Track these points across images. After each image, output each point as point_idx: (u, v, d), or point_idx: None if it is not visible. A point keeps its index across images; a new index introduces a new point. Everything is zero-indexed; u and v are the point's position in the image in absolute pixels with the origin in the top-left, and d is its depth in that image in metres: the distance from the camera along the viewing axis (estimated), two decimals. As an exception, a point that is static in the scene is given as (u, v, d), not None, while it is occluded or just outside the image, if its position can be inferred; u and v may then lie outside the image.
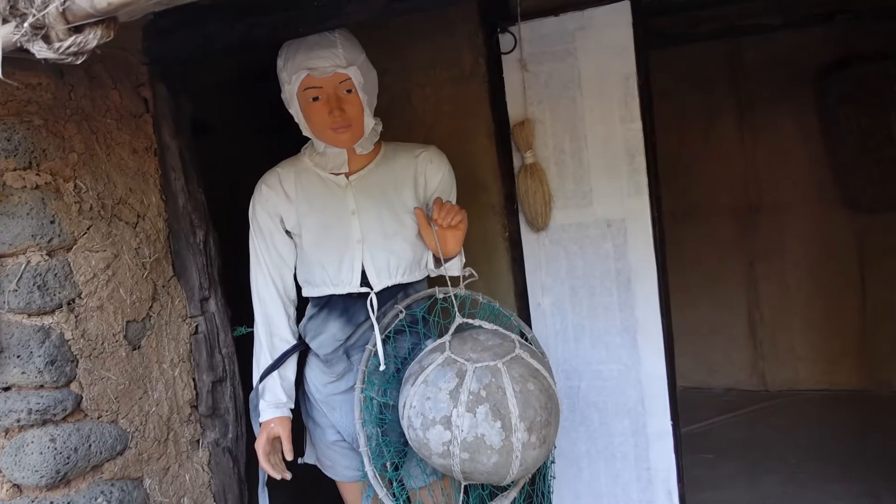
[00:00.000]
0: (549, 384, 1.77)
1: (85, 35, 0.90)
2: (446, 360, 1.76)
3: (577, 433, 2.38)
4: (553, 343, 2.38)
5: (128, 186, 1.82)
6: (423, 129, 2.48)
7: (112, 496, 1.74)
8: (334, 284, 1.88)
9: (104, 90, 1.79)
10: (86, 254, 1.72)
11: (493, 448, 1.67)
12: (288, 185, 1.91)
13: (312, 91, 1.76)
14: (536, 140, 2.30)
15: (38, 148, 1.64)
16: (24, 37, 0.89)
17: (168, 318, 1.90)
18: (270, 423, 1.88)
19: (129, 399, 1.80)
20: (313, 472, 2.06)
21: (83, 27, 0.91)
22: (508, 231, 2.42)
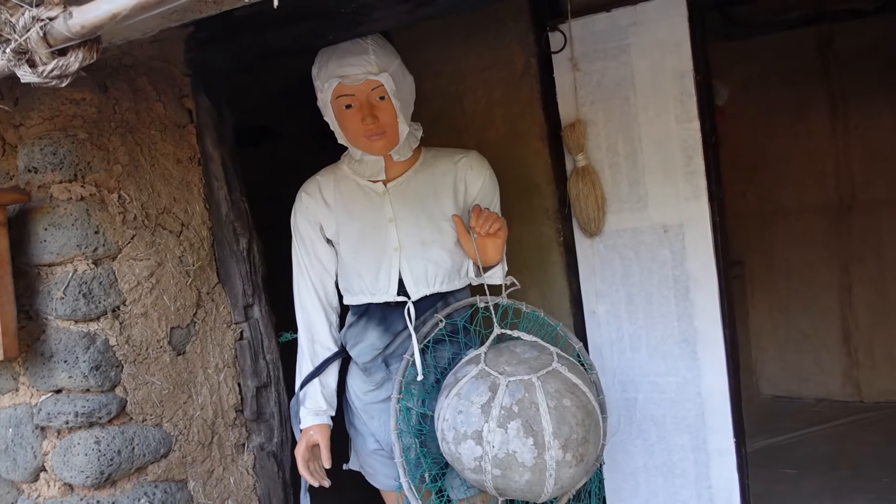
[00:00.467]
0: (587, 400, 1.70)
1: (67, 58, 0.91)
2: (480, 373, 1.71)
3: (635, 447, 2.29)
4: (608, 353, 2.29)
5: (172, 196, 1.87)
6: (475, 132, 2.43)
7: (155, 497, 1.79)
8: (371, 293, 1.87)
9: (148, 102, 1.84)
10: (130, 262, 1.77)
11: (525, 465, 1.61)
12: (327, 192, 1.91)
13: (345, 99, 1.75)
14: (589, 142, 2.21)
15: (83, 161, 1.71)
16: (9, 62, 0.91)
17: (213, 325, 1.94)
18: (310, 431, 1.88)
19: (173, 403, 1.84)
20: (358, 479, 2.06)
21: (67, 50, 0.92)
22: (563, 236, 2.35)
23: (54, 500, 1.78)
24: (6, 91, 1.72)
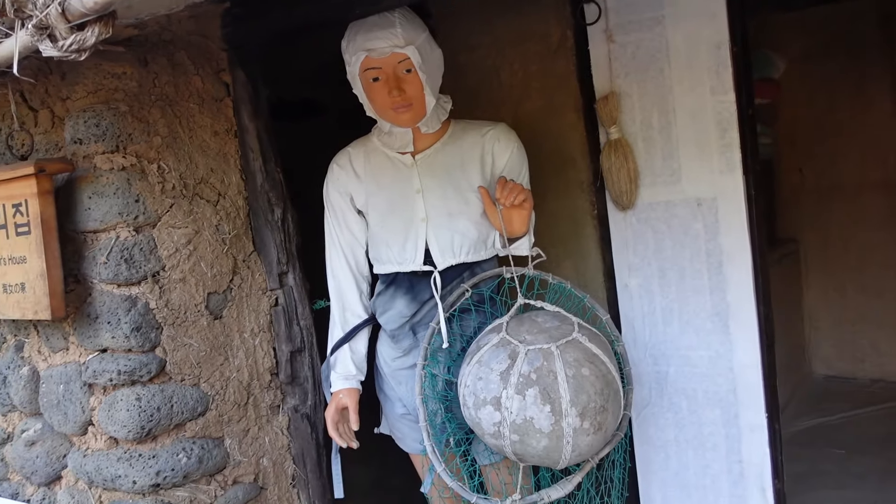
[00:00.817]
0: (607, 370, 1.72)
1: (84, 33, 0.97)
2: (501, 341, 1.74)
3: (665, 419, 2.29)
4: (640, 326, 2.28)
5: (209, 167, 1.94)
6: (511, 105, 2.44)
7: (193, 452, 1.89)
8: (399, 262, 1.91)
9: (187, 76, 1.91)
10: (169, 230, 1.86)
11: (543, 432, 1.64)
12: (358, 164, 1.96)
13: (372, 72, 1.78)
14: (623, 115, 2.20)
15: (125, 132, 1.79)
16: (32, 37, 0.97)
17: (248, 291, 2.02)
18: (339, 394, 1.95)
19: (210, 364, 1.93)
20: (388, 443, 2.12)
21: (85, 25, 0.98)
22: (597, 209, 2.34)
23: (101, 452, 1.90)
24: (54, 66, 1.81)
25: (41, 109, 1.89)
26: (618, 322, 2.30)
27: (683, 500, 2.29)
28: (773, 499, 2.16)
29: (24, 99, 1.91)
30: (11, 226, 1.78)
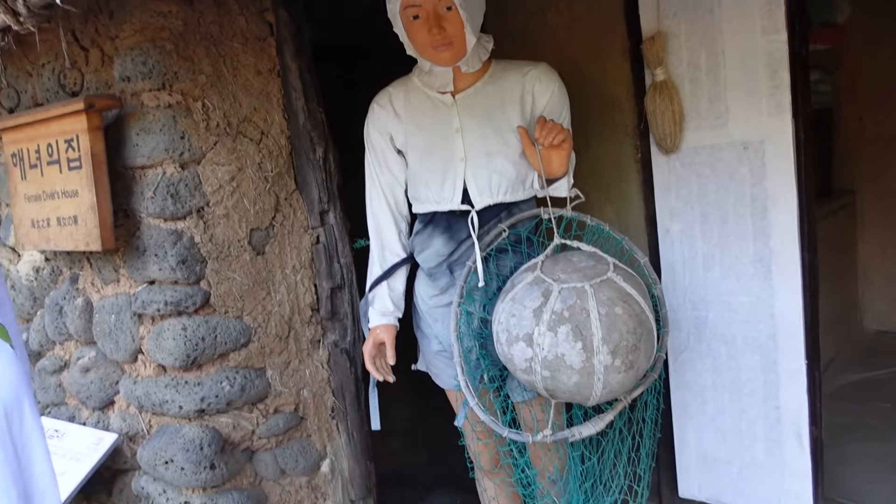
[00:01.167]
0: (640, 310, 1.72)
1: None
2: (535, 280, 1.76)
3: (703, 364, 2.28)
4: (681, 271, 2.27)
5: (252, 105, 1.98)
6: (555, 46, 2.41)
7: (236, 381, 1.96)
8: (437, 202, 1.93)
9: (231, 16, 1.94)
10: (213, 167, 1.91)
11: (573, 368, 1.66)
12: (398, 104, 1.97)
13: (413, 9, 1.78)
14: (669, 56, 2.15)
15: (170, 70, 1.83)
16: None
17: (290, 228, 2.07)
18: (377, 330, 2.00)
19: (252, 298, 2.00)
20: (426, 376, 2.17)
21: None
22: (640, 153, 2.32)
23: (150, 378, 1.99)
24: (103, 4, 1.86)
25: (91, 48, 1.95)
26: (658, 268, 2.28)
27: (718, 444, 2.30)
28: (809, 445, 2.15)
29: (76, 38, 1.96)
30: (64, 161, 1.85)
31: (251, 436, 2.03)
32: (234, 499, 1.98)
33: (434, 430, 3.35)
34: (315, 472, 2.17)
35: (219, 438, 1.94)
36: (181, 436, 1.92)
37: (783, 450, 2.19)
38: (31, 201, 1.99)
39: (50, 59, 2.02)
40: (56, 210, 1.89)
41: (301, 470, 2.12)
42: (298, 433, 2.12)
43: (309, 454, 2.13)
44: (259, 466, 2.07)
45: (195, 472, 1.89)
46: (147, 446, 1.99)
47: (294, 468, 2.11)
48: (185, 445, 1.90)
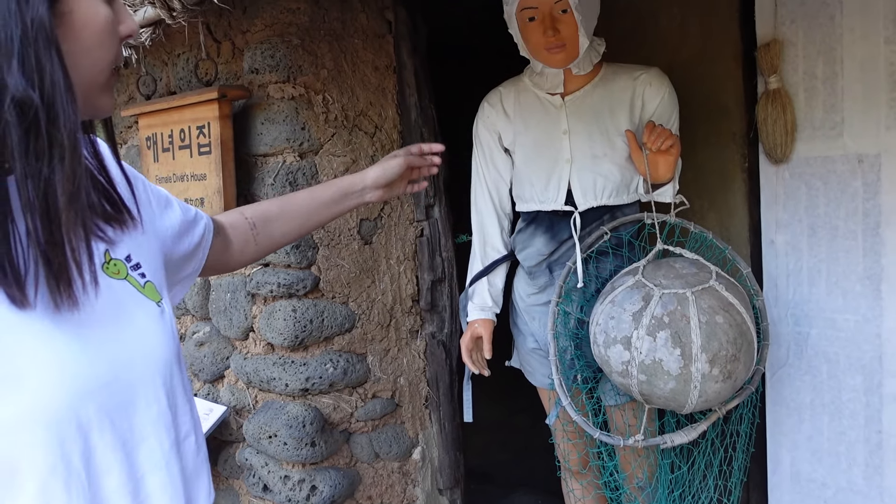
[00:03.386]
0: (742, 320, 1.71)
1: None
2: (636, 284, 1.77)
3: (802, 382, 2.23)
4: (784, 284, 2.23)
5: (368, 100, 2.06)
6: (666, 50, 2.40)
7: (339, 364, 2.05)
8: (541, 201, 1.96)
9: (353, 13, 2.02)
10: (329, 157, 2.00)
11: (671, 374, 1.67)
12: (508, 103, 2.01)
13: (529, 11, 1.82)
14: (784, 63, 2.11)
15: (295, 64, 1.93)
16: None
17: (397, 220, 2.14)
18: (475, 324, 2.05)
19: (358, 286, 2.08)
20: (517, 375, 2.21)
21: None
22: (748, 161, 2.28)
23: (259, 356, 2.10)
24: (237, 1, 1.97)
25: (224, 41, 2.07)
26: (759, 279, 2.25)
27: (814, 465, 2.24)
28: (913, 473, 2.07)
29: (210, 31, 2.10)
30: (195, 146, 1.98)
31: (350, 418, 2.12)
32: (331, 476, 2.07)
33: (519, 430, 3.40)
34: (407, 458, 2.24)
35: (320, 417, 2.04)
36: (285, 412, 2.02)
37: (883, 476, 2.12)
38: (161, 183, 2.13)
39: (185, 51, 2.16)
40: (185, 192, 2.02)
41: (394, 455, 2.19)
42: (393, 419, 2.20)
43: (402, 440, 2.21)
44: (355, 448, 2.16)
45: (297, 447, 1.99)
46: (252, 420, 2.10)
47: (387, 453, 2.18)
48: (289, 422, 2.00)
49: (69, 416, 0.70)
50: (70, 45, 0.69)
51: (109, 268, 0.81)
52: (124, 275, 0.83)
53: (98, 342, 0.74)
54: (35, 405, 0.68)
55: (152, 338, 0.81)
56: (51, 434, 0.69)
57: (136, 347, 0.79)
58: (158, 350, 0.82)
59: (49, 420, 0.69)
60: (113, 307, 0.78)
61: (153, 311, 0.83)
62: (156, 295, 0.86)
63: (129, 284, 0.82)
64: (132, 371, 0.77)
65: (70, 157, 0.67)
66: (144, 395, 0.79)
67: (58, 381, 0.69)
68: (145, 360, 0.80)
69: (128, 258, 0.84)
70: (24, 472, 0.68)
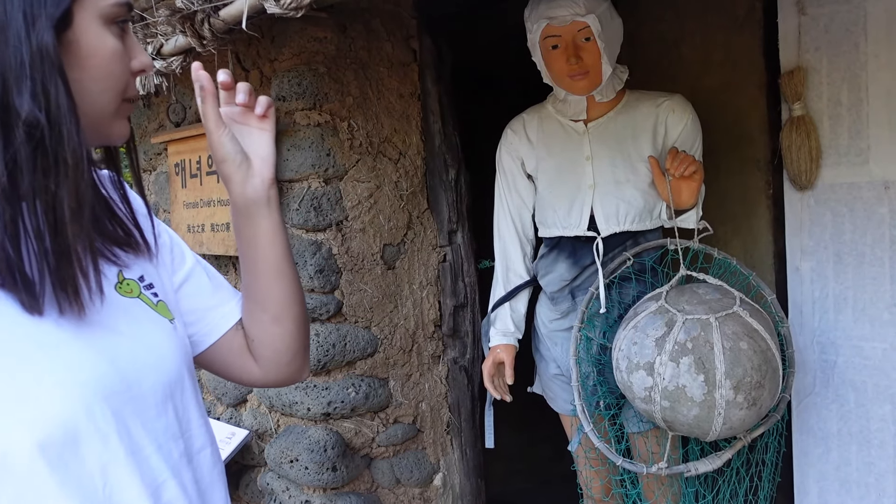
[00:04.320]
0: (766, 346, 1.70)
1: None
2: (659, 309, 1.77)
3: (829, 411, 2.20)
4: (810, 312, 2.20)
5: (393, 127, 2.09)
6: (689, 79, 2.41)
7: (360, 389, 2.06)
8: (563, 227, 1.97)
9: (379, 42, 2.06)
10: (353, 183, 2.03)
11: (694, 400, 1.66)
12: (531, 130, 2.03)
13: (552, 40, 1.84)
14: (809, 91, 2.11)
15: (321, 92, 1.97)
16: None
17: (420, 246, 2.16)
18: (497, 349, 2.05)
19: (381, 310, 2.09)
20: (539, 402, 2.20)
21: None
22: (772, 188, 2.28)
23: (282, 379, 2.12)
24: (266, 30, 2.02)
25: (252, 70, 2.12)
26: (785, 306, 2.23)
27: (843, 496, 2.20)
28: (945, 506, 2.03)
29: (238, 60, 2.14)
30: (221, 171, 2.01)
31: (371, 443, 2.12)
32: (352, 502, 2.07)
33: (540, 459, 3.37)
34: (428, 484, 2.23)
35: (342, 442, 2.04)
36: (307, 436, 2.03)
37: (915, 507, 2.08)
38: (188, 208, 2.17)
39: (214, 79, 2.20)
40: (211, 217, 2.06)
41: (415, 481, 2.19)
42: (415, 445, 2.19)
43: (423, 466, 2.20)
44: (376, 473, 2.15)
45: (318, 472, 1.99)
46: (274, 444, 2.11)
47: (409, 478, 2.18)
48: (311, 446, 2.00)
49: (85, 419, 0.73)
50: (76, 73, 0.74)
51: (122, 287, 0.84)
52: (137, 293, 0.86)
53: (110, 352, 0.77)
54: (51, 405, 0.70)
55: (164, 352, 0.84)
56: (67, 434, 0.71)
57: (147, 360, 0.81)
58: (169, 364, 0.85)
59: (64, 420, 0.71)
60: (125, 322, 0.81)
61: (166, 328, 0.86)
62: (168, 314, 0.88)
63: (141, 302, 0.85)
64: (144, 382, 0.80)
65: (74, 174, 0.71)
66: (156, 405, 0.82)
67: (73, 384, 0.72)
68: (157, 373, 0.82)
69: (141, 278, 0.88)
70: (42, 473, 0.70)
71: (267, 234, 0.94)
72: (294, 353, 1.01)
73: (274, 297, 0.97)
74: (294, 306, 0.99)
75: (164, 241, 0.97)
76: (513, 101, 2.19)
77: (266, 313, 0.98)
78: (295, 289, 0.99)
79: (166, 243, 0.98)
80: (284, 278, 0.97)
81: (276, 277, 0.96)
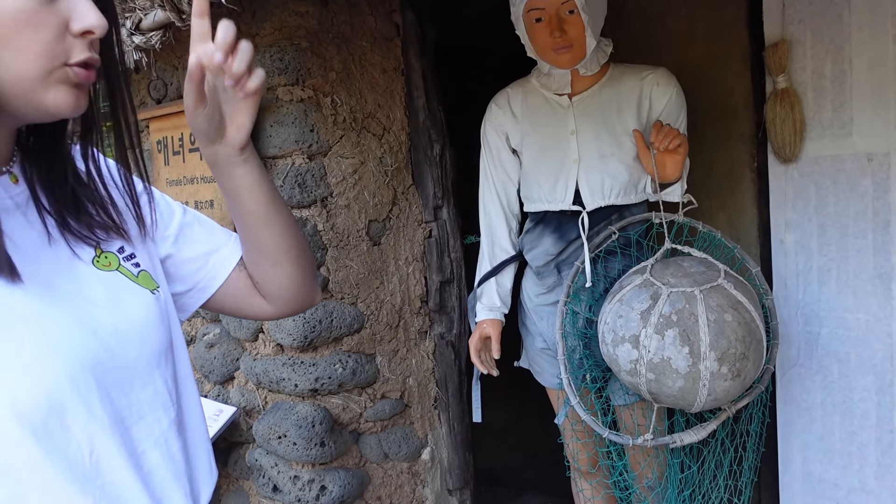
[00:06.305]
0: (751, 318, 1.71)
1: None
2: (644, 282, 1.77)
3: (813, 382, 2.22)
4: (794, 284, 2.22)
5: (377, 102, 2.07)
6: (674, 52, 2.40)
7: (348, 365, 2.06)
8: (548, 201, 1.97)
9: (361, 16, 2.04)
10: (338, 159, 2.01)
11: (679, 372, 1.67)
12: (515, 104, 2.02)
13: (536, 13, 1.83)
14: (792, 63, 2.11)
15: (304, 67, 1.95)
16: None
17: (405, 221, 2.15)
18: (483, 324, 2.06)
19: (367, 287, 2.09)
20: (526, 377, 2.21)
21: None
22: (756, 161, 2.28)
23: (268, 357, 2.12)
24: (246, 4, 1.99)
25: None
26: (769, 279, 2.24)
27: (825, 465, 2.23)
28: (925, 473, 2.06)
29: (219, 35, 2.11)
30: (204, 148, 1.99)
31: (359, 418, 2.12)
32: (341, 477, 2.08)
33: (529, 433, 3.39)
34: (416, 458, 2.25)
35: (329, 418, 2.04)
36: (295, 412, 2.03)
37: (895, 476, 2.11)
38: (171, 185, 2.15)
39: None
40: (195, 194, 2.04)
41: (403, 455, 2.20)
42: (402, 420, 2.20)
43: (411, 441, 2.21)
44: (364, 448, 2.16)
45: (306, 447, 2.00)
46: (262, 421, 2.11)
47: (397, 453, 2.19)
48: (298, 422, 2.01)
49: (69, 388, 0.73)
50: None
51: (100, 261, 0.84)
52: (115, 266, 0.86)
53: (90, 323, 0.77)
54: (35, 374, 0.71)
55: (146, 323, 0.84)
56: (52, 403, 0.71)
57: (129, 330, 0.81)
58: (152, 334, 0.85)
59: (49, 389, 0.71)
60: (104, 295, 0.81)
61: (146, 298, 0.86)
62: (151, 283, 0.88)
63: (120, 274, 0.85)
64: (127, 352, 0.80)
65: None
66: (140, 375, 0.82)
67: (56, 353, 0.72)
68: (141, 343, 0.82)
69: (120, 250, 0.87)
70: (28, 443, 0.70)
71: (245, 187, 0.92)
72: (299, 286, 1.02)
73: (267, 244, 0.97)
74: (290, 249, 0.98)
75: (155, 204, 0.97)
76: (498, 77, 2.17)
77: (263, 258, 0.98)
78: (287, 232, 0.97)
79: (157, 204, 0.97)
80: (273, 225, 0.95)
81: (264, 226, 0.95)
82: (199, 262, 0.99)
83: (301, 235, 1.01)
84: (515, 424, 3.40)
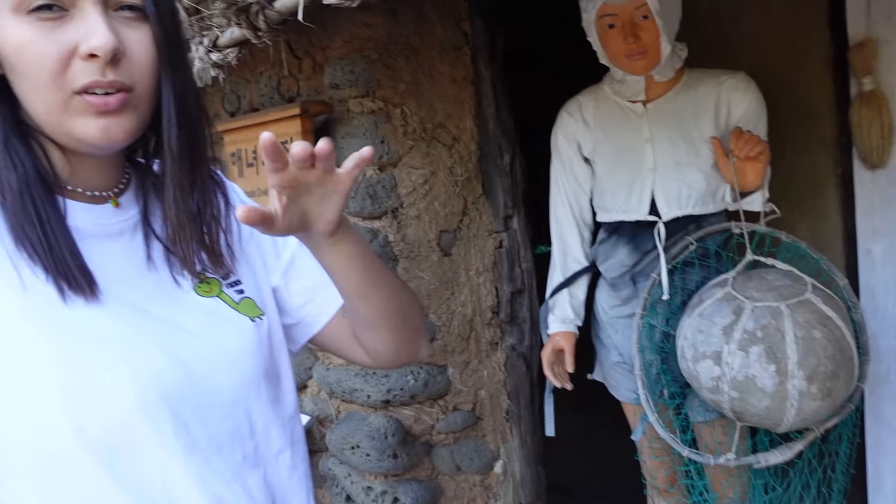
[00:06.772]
0: (841, 335, 1.63)
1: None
2: (725, 296, 1.71)
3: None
4: (882, 296, 2.11)
5: (446, 112, 2.06)
6: (750, 56, 2.31)
7: (420, 376, 2.05)
8: (623, 211, 1.92)
9: (430, 26, 2.03)
10: (408, 170, 2.01)
11: (765, 391, 1.60)
12: (587, 112, 1.98)
13: (609, 18, 1.79)
14: (880, 64, 2.01)
15: (374, 78, 1.95)
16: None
17: (476, 232, 2.13)
18: (556, 336, 2.02)
19: (438, 298, 2.08)
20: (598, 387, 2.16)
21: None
22: (841, 167, 2.19)
23: (341, 367, 2.12)
24: (317, 16, 2.00)
25: (304, 58, 2.11)
26: (856, 290, 2.14)
27: (919, 486, 2.12)
28: None
29: (291, 49, 2.13)
30: (277, 161, 2.01)
31: (431, 430, 2.11)
32: (413, 489, 2.07)
33: (599, 443, 3.33)
34: (488, 471, 2.22)
35: (402, 429, 2.04)
36: (367, 423, 2.03)
37: None
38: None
39: (267, 68, 2.20)
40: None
41: (475, 468, 2.18)
42: (474, 432, 2.18)
43: (483, 454, 2.19)
44: (436, 460, 2.15)
45: (379, 458, 2.00)
46: (335, 430, 2.12)
47: (469, 466, 2.17)
48: (371, 433, 2.01)
49: (140, 414, 0.72)
50: (9, 74, 0.72)
51: (202, 287, 0.84)
52: (216, 292, 0.85)
53: (175, 350, 0.76)
54: (104, 399, 0.70)
55: (238, 352, 0.83)
56: (121, 429, 0.71)
57: (218, 360, 0.80)
58: (243, 365, 0.83)
59: (118, 415, 0.71)
60: (199, 322, 0.80)
61: (245, 326, 0.84)
62: (253, 310, 0.87)
63: (220, 301, 0.84)
64: (210, 381, 0.79)
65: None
66: (223, 405, 0.80)
67: (128, 378, 0.72)
68: (228, 373, 0.81)
69: (225, 276, 0.86)
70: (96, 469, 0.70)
71: (338, 266, 0.86)
72: (398, 349, 0.97)
73: (362, 314, 0.92)
74: (388, 318, 0.93)
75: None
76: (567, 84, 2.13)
77: (358, 323, 0.95)
78: (385, 304, 0.92)
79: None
80: (371, 297, 0.90)
81: (359, 298, 0.90)
82: (307, 295, 0.96)
83: (406, 300, 0.96)
84: (586, 434, 3.35)
